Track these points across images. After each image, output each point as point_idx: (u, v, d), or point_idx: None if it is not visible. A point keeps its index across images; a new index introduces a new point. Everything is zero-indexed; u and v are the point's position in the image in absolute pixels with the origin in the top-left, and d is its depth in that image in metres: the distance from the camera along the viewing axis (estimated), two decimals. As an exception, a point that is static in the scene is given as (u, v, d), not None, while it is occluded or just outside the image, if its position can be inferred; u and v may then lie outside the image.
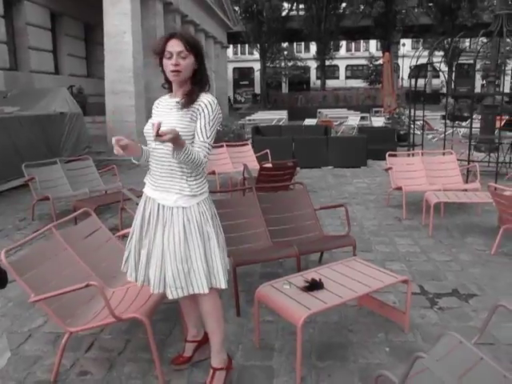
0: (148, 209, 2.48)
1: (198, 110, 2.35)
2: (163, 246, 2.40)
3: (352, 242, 3.99)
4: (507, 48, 31.51)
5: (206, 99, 2.37)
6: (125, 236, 4.81)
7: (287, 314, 2.73)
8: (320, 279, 2.99)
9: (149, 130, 2.41)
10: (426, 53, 17.06)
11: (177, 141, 2.14)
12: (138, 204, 6.13)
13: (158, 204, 2.43)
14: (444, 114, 17.49)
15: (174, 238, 2.37)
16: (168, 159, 2.36)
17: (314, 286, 2.91)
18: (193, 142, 2.35)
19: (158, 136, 2.08)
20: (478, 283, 4.04)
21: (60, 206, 6.81)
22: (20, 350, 3.09)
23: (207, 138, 2.35)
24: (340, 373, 2.75)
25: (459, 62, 31.30)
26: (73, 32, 17.64)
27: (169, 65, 2.31)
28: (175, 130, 2.13)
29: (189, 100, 2.35)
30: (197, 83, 2.39)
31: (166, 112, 2.43)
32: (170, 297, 2.43)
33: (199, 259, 2.38)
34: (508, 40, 8.84)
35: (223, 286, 2.44)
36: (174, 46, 2.30)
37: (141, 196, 2.67)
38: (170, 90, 2.50)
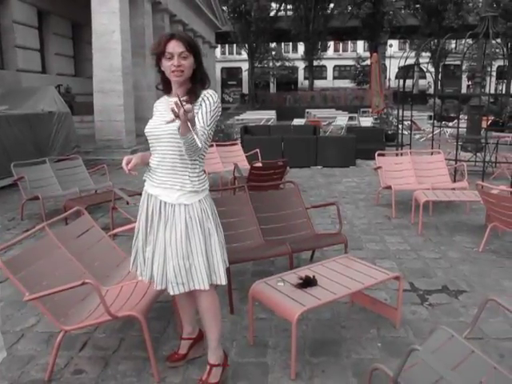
0: (150, 206, 2.49)
1: (199, 104, 2.38)
2: (165, 243, 2.42)
3: (344, 239, 4.03)
4: (493, 49, 31.91)
5: (207, 92, 2.41)
6: (116, 235, 4.84)
7: (282, 311, 2.76)
8: (313, 276, 3.02)
9: (151, 129, 2.45)
10: (412, 54, 17.24)
11: (193, 120, 2.16)
12: (128, 203, 6.11)
13: (160, 201, 2.44)
14: (431, 114, 17.70)
15: (175, 234, 2.39)
16: (171, 155, 2.38)
17: (308, 282, 2.94)
18: None
19: (182, 113, 2.05)
20: (467, 280, 4.11)
21: (49, 205, 6.77)
22: (13, 349, 3.07)
23: (207, 126, 2.36)
24: (333, 368, 2.78)
25: (446, 63, 31.67)
26: (60, 31, 17.47)
27: (169, 66, 2.33)
28: (192, 110, 2.12)
29: (193, 98, 2.37)
30: (197, 82, 2.42)
31: (167, 112, 2.43)
32: (171, 292, 2.45)
33: (200, 255, 2.40)
34: (493, 41, 8.98)
35: (223, 282, 2.47)
36: (175, 47, 2.32)
37: (132, 195, 2.68)
38: (166, 91, 2.52)
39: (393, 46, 43.98)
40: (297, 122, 17.58)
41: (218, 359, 2.60)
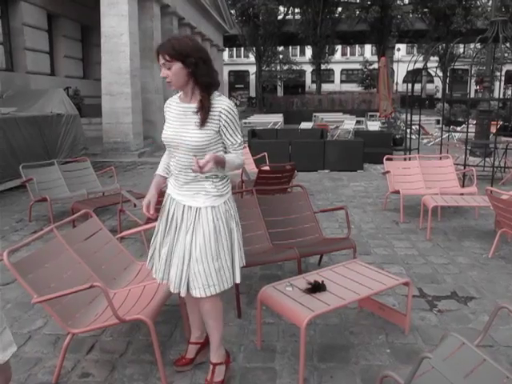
0: (172, 209, 2.51)
1: (216, 117, 2.37)
2: (185, 247, 2.43)
3: (352, 244, 4.01)
4: (505, 54, 31.76)
5: (223, 106, 2.38)
6: (123, 238, 4.84)
7: (290, 316, 2.74)
8: (322, 281, 3.00)
9: (168, 137, 2.46)
10: (420, 58, 17.18)
11: (217, 164, 2.29)
12: (136, 206, 6.13)
13: (184, 205, 2.46)
14: (439, 118, 17.63)
15: (204, 237, 2.41)
16: (192, 164, 2.37)
17: (317, 288, 2.92)
18: (213, 147, 2.40)
19: (200, 168, 2.21)
20: (476, 286, 4.07)
21: (56, 207, 6.79)
22: (20, 351, 3.06)
23: (240, 140, 2.46)
24: (342, 374, 2.76)
25: (454, 67, 31.54)
26: (70, 33, 17.58)
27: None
28: (212, 156, 2.25)
29: (204, 114, 2.36)
30: (203, 89, 2.38)
31: (182, 120, 2.44)
32: (199, 295, 2.44)
33: (227, 255, 2.47)
34: (503, 46, 8.92)
35: (237, 280, 2.54)
36: (160, 59, 2.34)
37: (140, 198, 2.70)
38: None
39: (401, 50, 43.84)
40: (304, 125, 17.57)
41: (220, 358, 2.63)
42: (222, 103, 2.38)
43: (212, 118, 2.37)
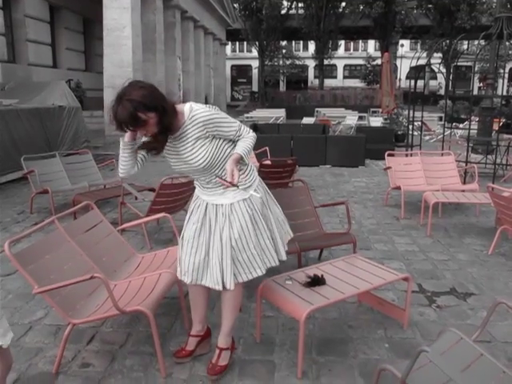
0: (203, 209, 2.58)
1: (203, 129, 2.37)
2: (230, 241, 2.48)
3: (352, 239, 4.02)
4: (509, 51, 31.63)
5: (196, 115, 2.34)
6: (124, 230, 4.86)
7: (290, 309, 2.76)
8: (322, 275, 3.01)
9: (178, 168, 2.53)
10: (424, 54, 17.12)
11: (238, 163, 2.40)
12: (137, 199, 6.13)
13: (215, 205, 2.54)
14: (441, 115, 17.59)
15: (242, 229, 2.48)
16: (211, 175, 2.50)
17: (316, 281, 2.93)
18: (220, 151, 2.45)
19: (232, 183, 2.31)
20: (476, 282, 4.08)
21: (58, 199, 6.81)
22: (21, 341, 3.09)
23: (236, 126, 2.48)
24: (340, 368, 2.78)
25: (457, 64, 31.47)
26: (72, 25, 17.57)
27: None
28: (230, 165, 2.32)
29: (174, 131, 2.38)
30: (168, 123, 2.32)
31: (176, 150, 2.47)
32: (246, 279, 2.55)
33: (267, 239, 2.57)
34: (507, 43, 8.90)
35: (283, 257, 2.69)
36: (122, 129, 2.27)
37: (141, 191, 2.73)
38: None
39: (404, 45, 43.71)
40: (306, 120, 17.54)
41: (227, 343, 2.71)
42: (194, 113, 2.35)
43: (198, 133, 2.38)
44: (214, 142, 2.43)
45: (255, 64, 43.84)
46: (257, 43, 37.37)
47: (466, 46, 37.60)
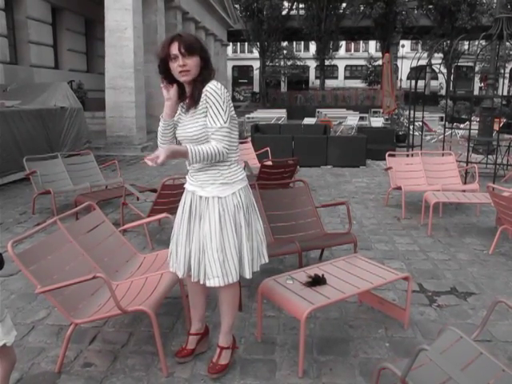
0: (188, 201, 2.57)
1: (204, 101, 2.39)
2: (200, 236, 2.49)
3: (353, 239, 4.03)
4: (507, 51, 31.58)
5: (208, 87, 2.39)
6: (126, 231, 4.88)
7: (291, 309, 2.77)
8: (323, 275, 3.02)
9: (177, 133, 2.53)
10: (425, 54, 17.13)
11: (172, 156, 2.29)
12: (138, 199, 6.14)
13: (197, 196, 2.52)
14: (442, 115, 17.59)
15: (210, 227, 2.45)
16: None
17: (317, 281, 2.95)
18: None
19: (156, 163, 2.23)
20: (476, 282, 4.09)
21: (60, 200, 6.84)
22: (24, 341, 3.11)
23: (224, 123, 2.37)
24: (341, 367, 2.79)
25: (458, 64, 31.46)
26: (73, 27, 17.58)
27: (176, 67, 2.36)
28: (162, 151, 2.23)
29: (192, 101, 2.42)
30: (202, 81, 2.41)
31: (183, 117, 2.51)
32: (207, 284, 2.51)
33: (233, 249, 2.46)
34: (508, 43, 8.89)
35: (247, 275, 2.55)
36: (178, 47, 2.34)
37: (142, 191, 2.74)
38: (181, 98, 2.51)
39: (405, 46, 43.69)
40: (307, 121, 17.55)
41: (228, 342, 2.72)
42: (209, 84, 2.39)
43: (201, 105, 2.40)
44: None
45: (256, 65, 43.85)
46: (258, 44, 37.39)
47: (466, 47, 37.60)
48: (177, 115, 2.54)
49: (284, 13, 37.12)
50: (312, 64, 47.16)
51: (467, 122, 12.64)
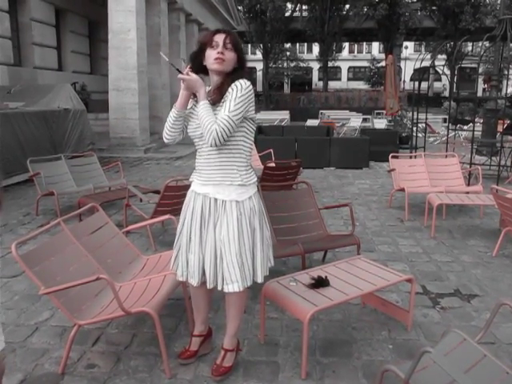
0: (199, 205, 2.51)
1: (228, 94, 2.40)
2: (216, 241, 2.47)
3: (356, 241, 4.03)
4: (510, 53, 31.47)
5: (236, 82, 2.40)
6: (129, 232, 4.88)
7: (294, 310, 2.77)
8: (326, 277, 3.02)
9: (193, 130, 2.51)
10: (428, 56, 17.11)
11: (192, 86, 2.39)
12: (142, 201, 6.15)
13: (210, 199, 2.48)
14: (445, 117, 17.57)
15: (228, 231, 2.43)
16: (216, 151, 2.42)
17: (320, 283, 2.94)
18: (235, 134, 2.42)
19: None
20: (480, 284, 4.08)
21: (63, 201, 6.86)
22: (27, 342, 3.12)
23: (229, 112, 2.34)
24: (344, 369, 2.79)
25: (462, 65, 31.38)
26: (77, 29, 17.65)
27: (213, 53, 2.39)
28: (194, 76, 2.38)
29: (219, 94, 2.42)
30: (232, 78, 2.43)
31: (194, 112, 2.51)
32: (225, 290, 2.50)
33: (248, 252, 2.47)
34: (511, 45, 8.83)
35: (259, 280, 2.56)
36: (222, 37, 2.40)
37: (146, 193, 2.72)
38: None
39: (408, 47, 43.66)
40: (310, 122, 17.55)
41: (232, 345, 2.72)
42: (238, 80, 2.41)
43: (223, 99, 2.41)
44: None
45: (259, 66, 43.85)
46: (261, 46, 37.44)
47: (470, 48, 37.53)
48: (188, 110, 2.54)
49: (287, 14, 37.17)
50: (315, 65, 47.18)
51: (471, 124, 12.60)
